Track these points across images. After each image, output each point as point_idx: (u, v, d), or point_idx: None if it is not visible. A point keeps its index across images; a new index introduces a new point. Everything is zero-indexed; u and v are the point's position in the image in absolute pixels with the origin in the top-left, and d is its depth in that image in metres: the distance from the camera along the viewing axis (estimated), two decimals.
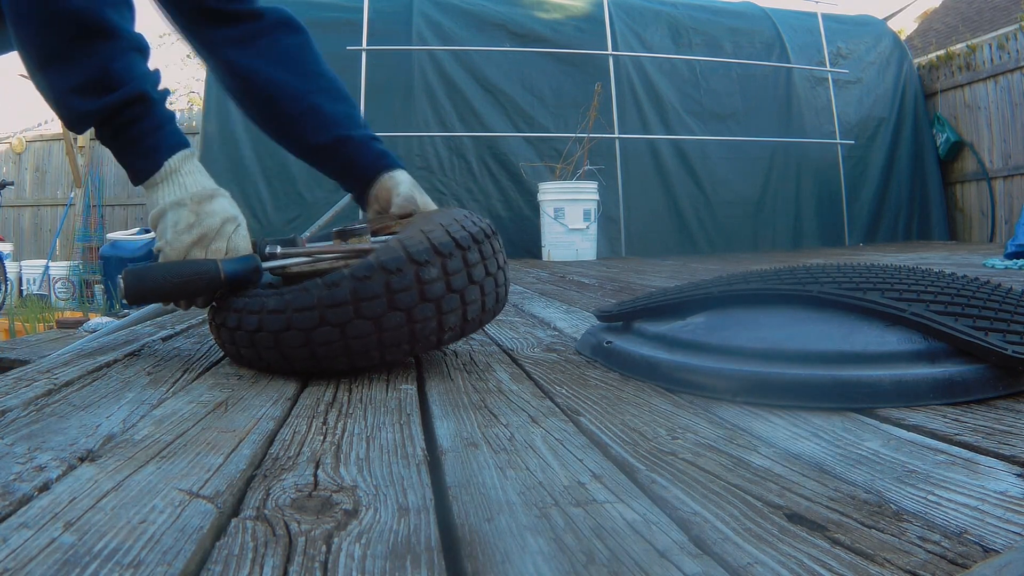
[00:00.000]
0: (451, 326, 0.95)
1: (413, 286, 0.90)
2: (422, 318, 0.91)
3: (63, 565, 0.41)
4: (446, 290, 0.92)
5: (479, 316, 0.99)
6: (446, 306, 0.93)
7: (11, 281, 7.44)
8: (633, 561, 0.42)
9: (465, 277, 0.94)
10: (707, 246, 6.21)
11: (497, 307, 1.03)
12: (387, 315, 0.89)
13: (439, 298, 0.92)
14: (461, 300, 0.94)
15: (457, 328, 0.96)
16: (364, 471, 0.58)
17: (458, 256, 0.93)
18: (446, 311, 0.93)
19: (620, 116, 6.08)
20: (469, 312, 0.96)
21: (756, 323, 0.91)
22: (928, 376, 0.77)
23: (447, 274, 0.92)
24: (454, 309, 0.94)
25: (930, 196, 6.95)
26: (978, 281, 1.01)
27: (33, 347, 2.09)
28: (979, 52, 6.64)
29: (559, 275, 3.33)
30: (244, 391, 0.87)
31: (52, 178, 9.02)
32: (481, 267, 0.97)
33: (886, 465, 0.58)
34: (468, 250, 0.95)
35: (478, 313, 0.98)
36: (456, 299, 0.94)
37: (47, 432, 0.68)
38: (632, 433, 0.68)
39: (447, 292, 0.92)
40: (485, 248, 0.98)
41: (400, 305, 0.89)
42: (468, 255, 0.95)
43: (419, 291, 0.90)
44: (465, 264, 0.94)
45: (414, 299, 0.90)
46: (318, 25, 5.81)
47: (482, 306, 0.98)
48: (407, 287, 0.89)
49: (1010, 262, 3.26)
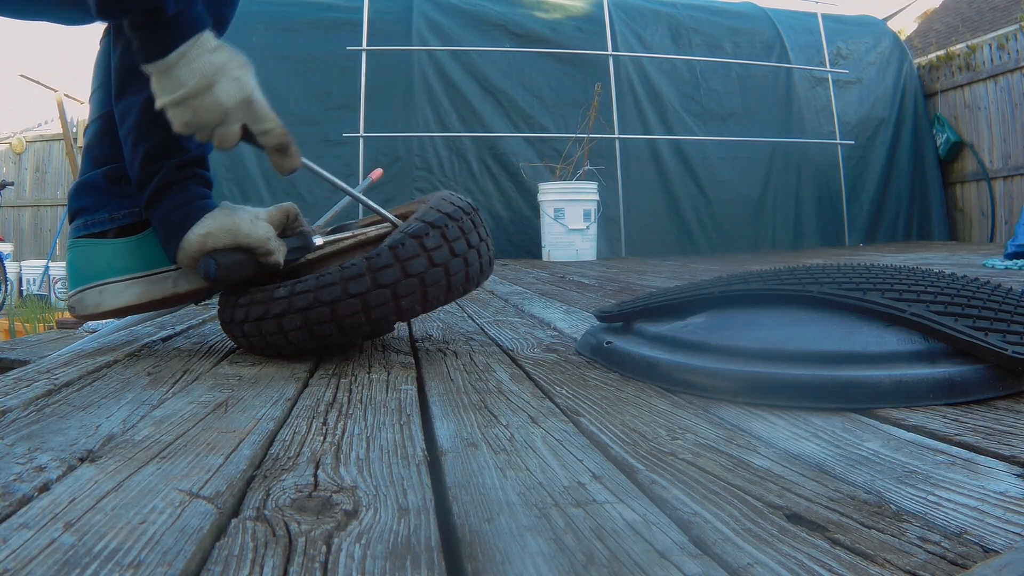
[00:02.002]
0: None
1: (420, 253, 1.03)
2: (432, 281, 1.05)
3: (63, 565, 0.41)
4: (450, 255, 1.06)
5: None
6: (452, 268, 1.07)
7: (11, 281, 7.43)
8: (633, 561, 0.42)
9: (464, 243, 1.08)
10: (707, 246, 6.21)
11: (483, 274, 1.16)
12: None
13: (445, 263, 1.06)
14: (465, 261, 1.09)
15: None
16: (364, 471, 0.58)
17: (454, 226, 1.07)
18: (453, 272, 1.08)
19: (620, 116, 6.08)
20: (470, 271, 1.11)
21: (756, 323, 0.91)
22: (928, 376, 0.77)
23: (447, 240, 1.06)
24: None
25: (930, 196, 6.95)
26: (978, 281, 1.01)
27: (33, 347, 2.09)
28: (979, 52, 6.64)
29: (559, 275, 3.33)
30: (244, 391, 0.87)
31: (52, 178, 9.02)
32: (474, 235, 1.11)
33: (886, 465, 0.58)
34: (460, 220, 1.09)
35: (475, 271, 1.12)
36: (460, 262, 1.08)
37: (47, 432, 0.68)
38: (632, 433, 0.68)
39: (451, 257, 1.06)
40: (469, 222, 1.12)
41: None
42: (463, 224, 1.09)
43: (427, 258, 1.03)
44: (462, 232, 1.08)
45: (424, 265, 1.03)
46: (318, 25, 5.83)
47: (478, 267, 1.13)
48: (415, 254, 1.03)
49: (1010, 262, 3.26)
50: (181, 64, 1.01)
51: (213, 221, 1.13)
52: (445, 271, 1.05)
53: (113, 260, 1.21)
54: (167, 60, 1.01)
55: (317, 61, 5.76)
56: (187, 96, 1.01)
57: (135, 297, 1.20)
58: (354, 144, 5.67)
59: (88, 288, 1.20)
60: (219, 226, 1.12)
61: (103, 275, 1.20)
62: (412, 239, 1.03)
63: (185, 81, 1.01)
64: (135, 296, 1.20)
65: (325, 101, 5.76)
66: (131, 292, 1.20)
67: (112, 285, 1.20)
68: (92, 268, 1.21)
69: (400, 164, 5.74)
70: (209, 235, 1.12)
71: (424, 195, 1.37)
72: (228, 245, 1.11)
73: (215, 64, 1.02)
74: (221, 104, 1.02)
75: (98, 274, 1.20)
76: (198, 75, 1.01)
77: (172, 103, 1.02)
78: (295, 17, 5.83)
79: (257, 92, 1.05)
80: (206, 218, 1.13)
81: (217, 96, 1.02)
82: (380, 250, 1.03)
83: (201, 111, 1.02)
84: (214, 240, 1.11)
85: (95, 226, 1.22)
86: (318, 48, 5.78)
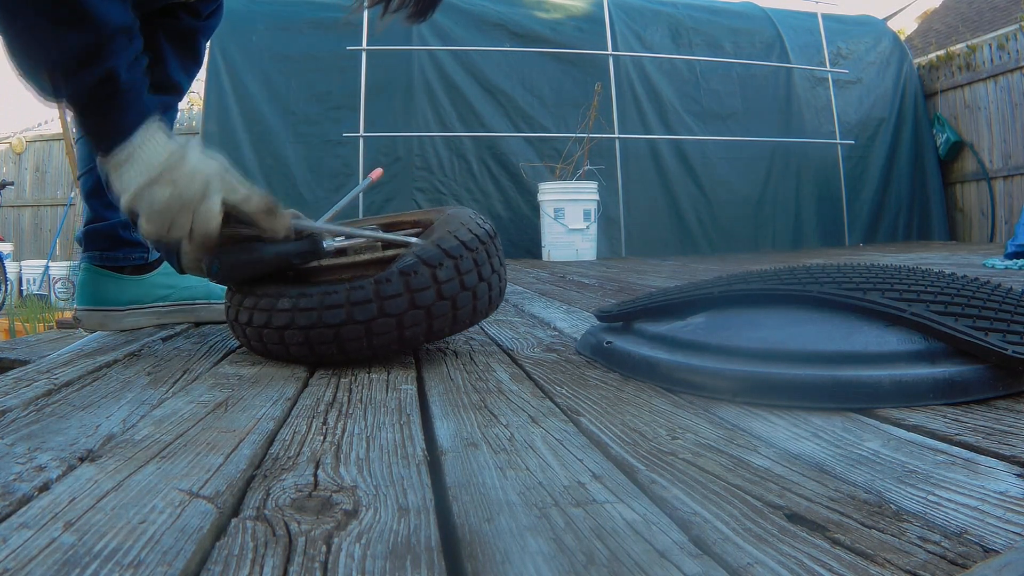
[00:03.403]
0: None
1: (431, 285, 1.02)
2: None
3: (63, 565, 0.41)
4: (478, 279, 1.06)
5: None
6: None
7: (11, 281, 7.43)
8: (633, 561, 0.42)
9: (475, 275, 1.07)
10: (707, 246, 6.20)
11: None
12: None
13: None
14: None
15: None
16: (364, 471, 0.58)
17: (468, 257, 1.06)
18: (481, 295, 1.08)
19: (620, 116, 6.08)
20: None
21: (756, 323, 0.91)
22: (928, 376, 0.77)
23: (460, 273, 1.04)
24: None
25: (930, 196, 6.95)
26: (978, 281, 1.01)
27: (33, 347, 2.09)
28: (979, 52, 6.64)
29: (559, 275, 3.33)
30: (244, 391, 0.87)
31: (52, 178, 9.02)
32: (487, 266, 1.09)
33: (886, 465, 0.58)
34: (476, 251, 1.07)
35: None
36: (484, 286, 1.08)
37: (47, 432, 0.68)
38: (632, 433, 0.68)
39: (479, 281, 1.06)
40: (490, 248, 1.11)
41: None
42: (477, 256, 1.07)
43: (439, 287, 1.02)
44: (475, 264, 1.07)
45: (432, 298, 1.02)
46: (318, 25, 5.83)
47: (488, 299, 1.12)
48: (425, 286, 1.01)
49: (1010, 262, 3.25)
50: (146, 145, 0.95)
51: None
52: (452, 304, 1.02)
53: (121, 293, 1.43)
54: (131, 141, 0.94)
55: (317, 61, 5.76)
56: (163, 172, 0.94)
57: (135, 324, 1.44)
58: (354, 144, 5.66)
59: (96, 311, 1.42)
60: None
61: (112, 303, 1.42)
62: (425, 267, 1.00)
63: (153, 160, 0.94)
64: (135, 323, 1.44)
65: (325, 101, 5.76)
66: (132, 320, 1.43)
67: (117, 313, 1.42)
68: (103, 296, 1.42)
69: (400, 164, 5.73)
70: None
71: (429, 198, 1.35)
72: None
73: (178, 141, 0.98)
74: (200, 171, 0.96)
75: (107, 301, 1.42)
76: (167, 151, 0.95)
77: (145, 185, 0.94)
78: (295, 17, 5.83)
79: None
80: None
81: (194, 164, 0.95)
82: (391, 274, 0.99)
83: (181, 183, 0.94)
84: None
85: (111, 261, 1.42)
86: (318, 48, 5.77)
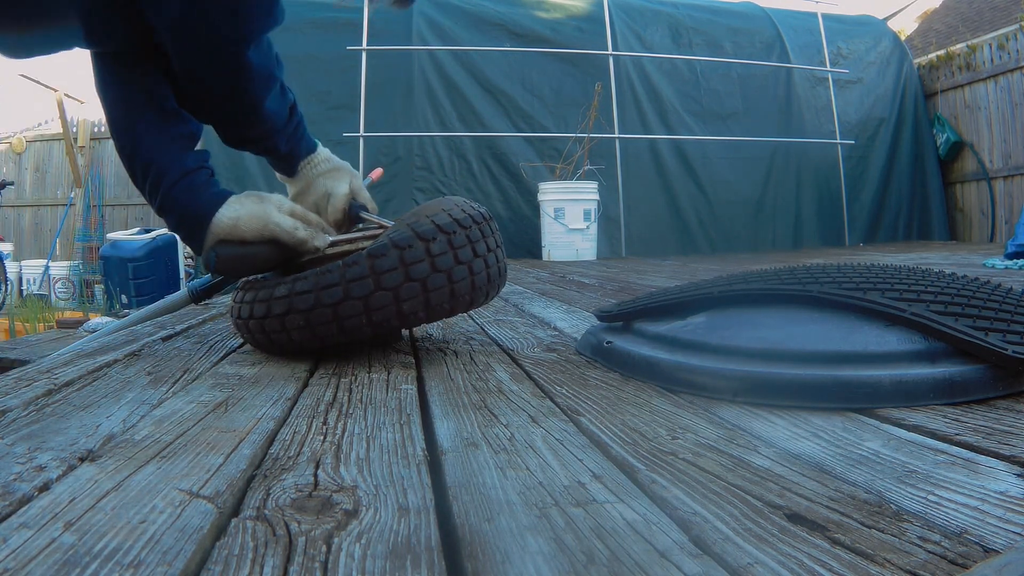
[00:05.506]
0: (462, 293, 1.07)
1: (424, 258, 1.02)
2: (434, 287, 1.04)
3: (63, 565, 0.41)
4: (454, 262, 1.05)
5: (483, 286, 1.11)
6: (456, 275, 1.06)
7: (11, 281, 7.43)
8: (633, 561, 0.42)
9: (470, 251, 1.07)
10: (707, 246, 6.20)
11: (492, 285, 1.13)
12: None
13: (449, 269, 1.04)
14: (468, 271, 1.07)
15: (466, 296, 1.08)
16: (364, 471, 0.58)
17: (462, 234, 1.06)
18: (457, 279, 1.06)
19: (620, 116, 6.08)
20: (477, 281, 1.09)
21: (756, 323, 0.91)
22: (928, 376, 0.77)
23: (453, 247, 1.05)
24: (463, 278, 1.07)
25: (930, 196, 6.95)
26: (978, 281, 1.01)
27: (33, 347, 2.09)
28: (979, 52, 6.64)
29: (559, 275, 3.33)
30: (244, 391, 0.87)
31: (52, 178, 9.01)
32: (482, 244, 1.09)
33: (886, 465, 0.58)
34: (469, 228, 1.07)
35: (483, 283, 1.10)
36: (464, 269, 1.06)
37: (47, 432, 0.68)
38: (632, 433, 0.68)
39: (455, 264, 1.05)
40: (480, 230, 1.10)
41: None
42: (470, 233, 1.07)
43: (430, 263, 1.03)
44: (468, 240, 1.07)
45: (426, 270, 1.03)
46: (318, 25, 5.83)
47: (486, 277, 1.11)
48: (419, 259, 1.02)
49: (1010, 262, 3.25)
50: None
51: (242, 207, 1.11)
52: (448, 277, 1.03)
53: None
54: None
55: (317, 61, 5.75)
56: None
57: None
58: (354, 144, 5.66)
59: None
60: (248, 213, 1.11)
61: None
62: (420, 241, 1.02)
63: None
64: None
65: (325, 101, 5.76)
66: None
67: None
68: None
69: (400, 164, 5.74)
70: (240, 220, 1.10)
71: (429, 198, 1.39)
72: (257, 232, 1.10)
73: None
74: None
75: None
76: None
77: None
78: (295, 17, 5.79)
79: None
80: (232, 201, 1.11)
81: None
82: (384, 247, 1.02)
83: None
84: (245, 226, 1.10)
85: None
86: (318, 48, 5.77)
